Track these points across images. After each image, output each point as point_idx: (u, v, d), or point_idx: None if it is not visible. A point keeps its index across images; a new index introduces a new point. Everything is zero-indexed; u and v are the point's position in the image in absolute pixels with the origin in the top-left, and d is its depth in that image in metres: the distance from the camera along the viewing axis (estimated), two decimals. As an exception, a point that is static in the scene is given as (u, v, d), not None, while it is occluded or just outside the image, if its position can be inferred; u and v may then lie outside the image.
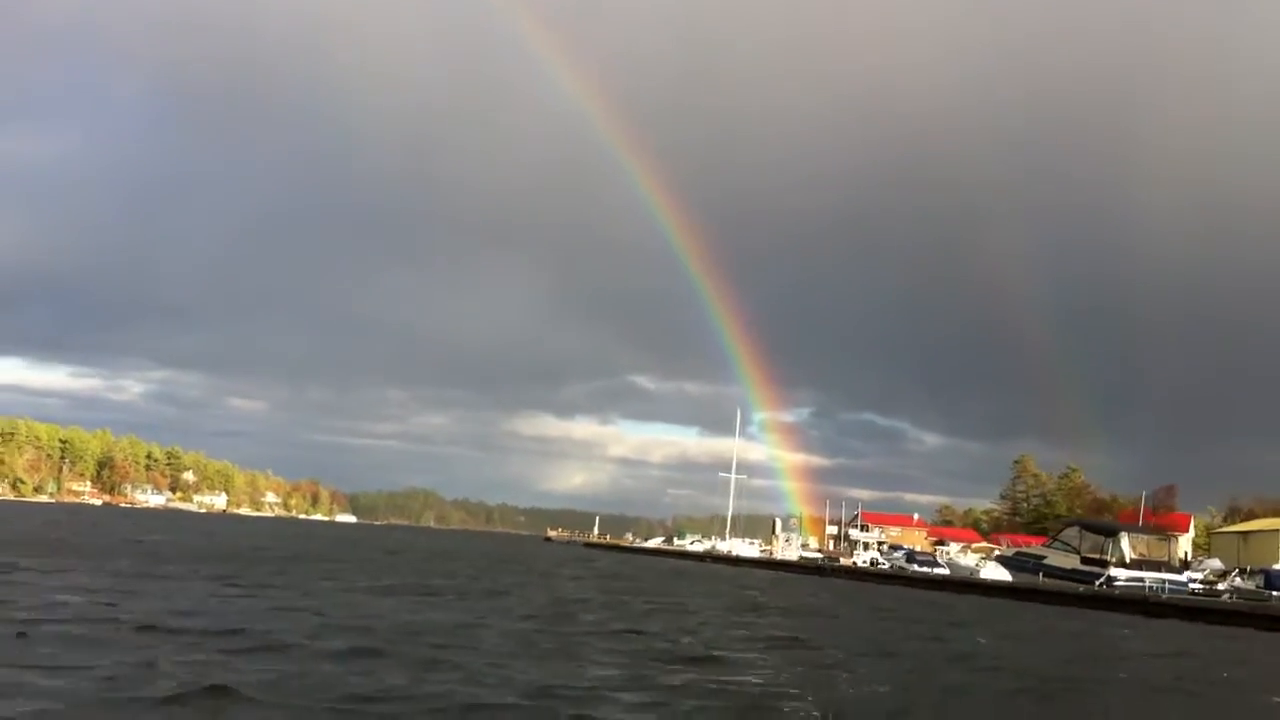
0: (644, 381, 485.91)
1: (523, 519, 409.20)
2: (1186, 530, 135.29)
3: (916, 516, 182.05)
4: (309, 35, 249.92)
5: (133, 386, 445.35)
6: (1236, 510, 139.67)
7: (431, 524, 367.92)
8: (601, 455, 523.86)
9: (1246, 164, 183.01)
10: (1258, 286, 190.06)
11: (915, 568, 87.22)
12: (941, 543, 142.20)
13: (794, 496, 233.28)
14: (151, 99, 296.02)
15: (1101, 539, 55.97)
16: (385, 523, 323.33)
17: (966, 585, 60.70)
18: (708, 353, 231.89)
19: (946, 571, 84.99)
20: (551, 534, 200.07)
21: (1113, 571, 52.65)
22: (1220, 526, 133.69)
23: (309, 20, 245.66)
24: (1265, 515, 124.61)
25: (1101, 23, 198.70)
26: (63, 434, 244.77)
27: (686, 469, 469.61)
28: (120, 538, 54.76)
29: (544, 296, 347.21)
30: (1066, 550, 57.16)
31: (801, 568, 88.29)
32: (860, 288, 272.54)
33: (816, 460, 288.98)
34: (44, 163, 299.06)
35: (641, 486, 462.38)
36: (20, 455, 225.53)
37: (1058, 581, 54.28)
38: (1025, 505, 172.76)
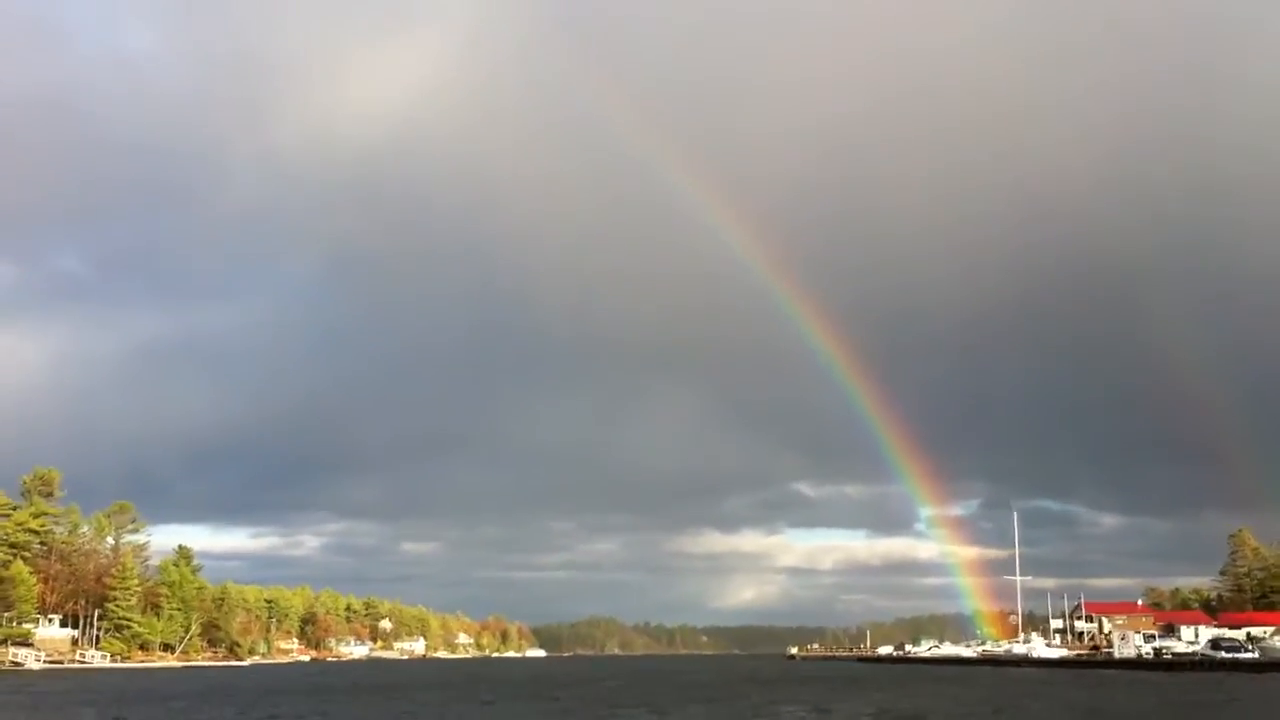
0: (805, 488, 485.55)
1: (705, 639, 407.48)
2: None
3: (1140, 602, 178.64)
4: (470, 187, 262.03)
5: (309, 540, 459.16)
6: None
7: (616, 651, 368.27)
8: (770, 566, 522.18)
9: None
10: None
11: (1222, 654, 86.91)
12: (1170, 628, 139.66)
13: (970, 592, 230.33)
14: (321, 266, 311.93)
15: None
16: (572, 654, 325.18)
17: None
18: (867, 453, 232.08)
19: (1255, 656, 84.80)
20: (794, 651, 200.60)
21: None
22: None
23: (470, 172, 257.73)
24: None
25: (1253, 88, 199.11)
26: (267, 594, 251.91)
27: (858, 573, 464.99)
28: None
29: (700, 415, 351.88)
30: None
31: (1167, 665, 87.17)
32: (1021, 373, 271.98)
33: (991, 552, 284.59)
34: (221, 337, 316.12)
35: (814, 595, 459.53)
36: (233, 619, 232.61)
37: None
38: (1249, 581, 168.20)
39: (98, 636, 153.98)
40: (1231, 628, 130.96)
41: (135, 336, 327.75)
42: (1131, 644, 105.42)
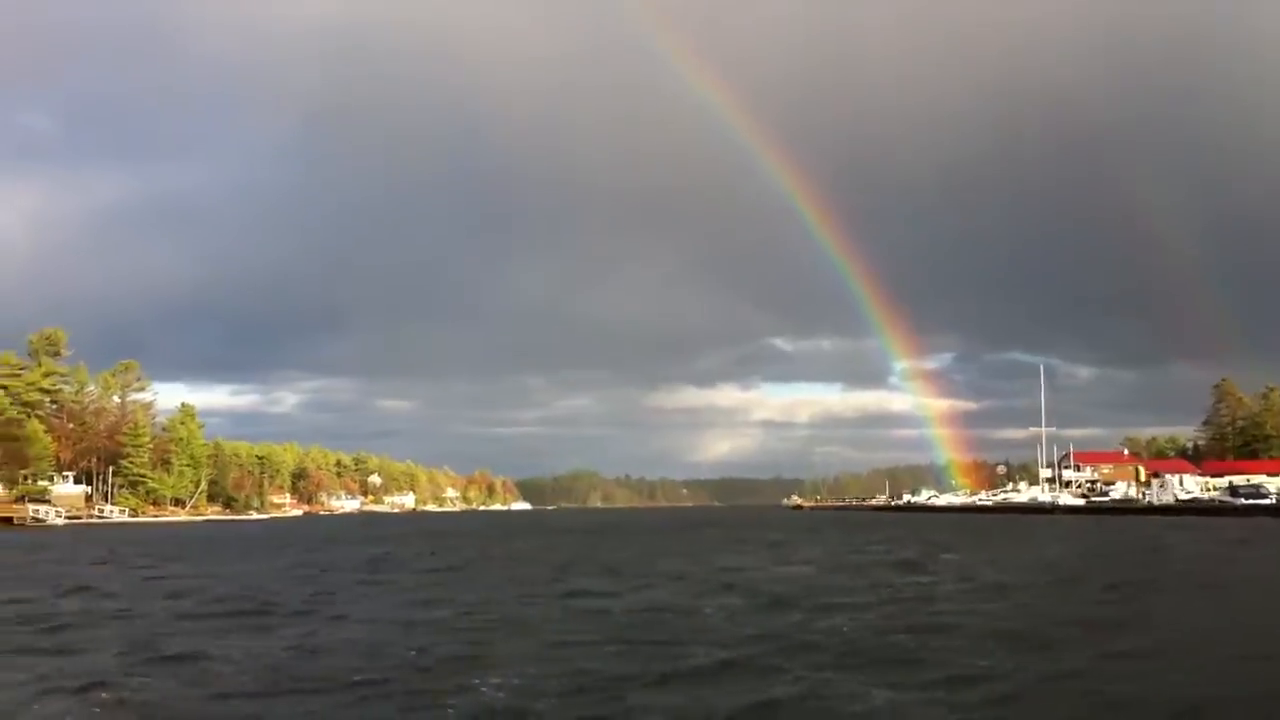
0: (781, 343, 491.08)
1: (685, 491, 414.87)
2: None
3: (1126, 452, 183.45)
4: (447, 39, 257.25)
5: (288, 398, 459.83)
6: None
7: (598, 504, 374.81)
8: (745, 420, 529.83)
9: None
10: None
11: (1242, 500, 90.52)
12: (1156, 475, 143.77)
13: (941, 444, 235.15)
14: (296, 121, 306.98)
15: None
16: (555, 507, 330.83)
17: None
18: (843, 307, 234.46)
19: (1270, 500, 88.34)
20: (798, 501, 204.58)
21: None
22: None
23: (447, 23, 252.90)
24: None
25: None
26: (258, 450, 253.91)
27: (833, 426, 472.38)
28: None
29: (677, 271, 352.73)
30: None
31: (1197, 510, 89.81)
32: (994, 227, 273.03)
33: (964, 405, 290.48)
34: (193, 195, 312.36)
35: (789, 448, 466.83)
36: (228, 474, 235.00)
37: None
38: (1231, 430, 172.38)
39: (109, 492, 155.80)
40: (1214, 475, 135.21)
41: (104, 195, 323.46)
42: (1170, 490, 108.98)
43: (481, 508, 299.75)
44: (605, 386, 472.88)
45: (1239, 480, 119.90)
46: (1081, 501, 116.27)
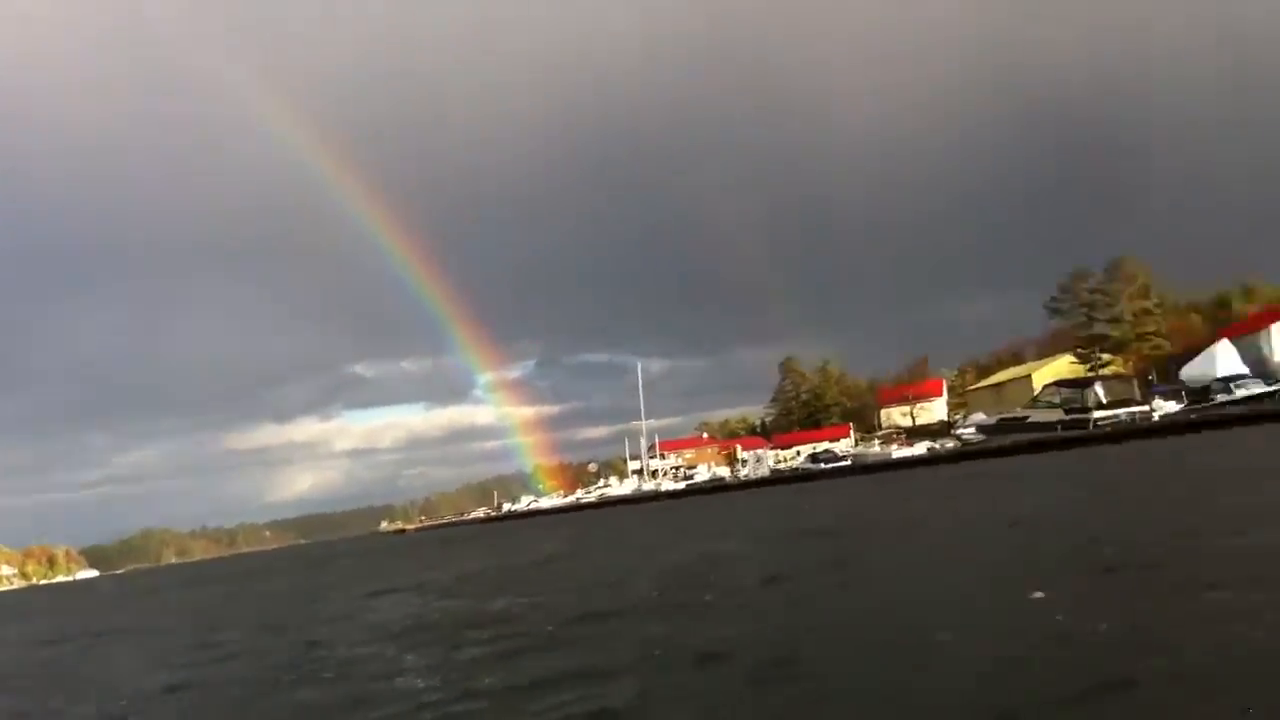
0: (362, 369, 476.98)
1: (268, 534, 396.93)
2: (941, 395, 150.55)
3: (705, 435, 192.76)
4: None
5: None
6: (971, 368, 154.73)
7: (173, 560, 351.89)
8: (328, 452, 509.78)
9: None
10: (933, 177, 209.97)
11: (822, 465, 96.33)
12: (749, 452, 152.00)
13: (527, 451, 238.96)
14: None
15: (1078, 391, 65.74)
16: (124, 570, 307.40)
17: (969, 455, 67.81)
18: (423, 327, 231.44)
19: (849, 463, 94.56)
20: (403, 525, 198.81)
21: (1095, 414, 62.16)
22: (962, 386, 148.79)
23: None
24: (1003, 367, 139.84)
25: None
26: None
27: (419, 446, 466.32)
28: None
29: (254, 307, 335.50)
30: (1049, 407, 66.54)
31: (787, 479, 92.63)
32: (569, 235, 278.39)
33: (547, 410, 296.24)
34: None
35: (376, 475, 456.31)
36: None
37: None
38: (796, 404, 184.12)
39: None
40: (784, 447, 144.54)
41: None
42: (765, 465, 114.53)
43: (44, 582, 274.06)
44: (178, 435, 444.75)
45: (806, 449, 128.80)
46: (682, 486, 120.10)
